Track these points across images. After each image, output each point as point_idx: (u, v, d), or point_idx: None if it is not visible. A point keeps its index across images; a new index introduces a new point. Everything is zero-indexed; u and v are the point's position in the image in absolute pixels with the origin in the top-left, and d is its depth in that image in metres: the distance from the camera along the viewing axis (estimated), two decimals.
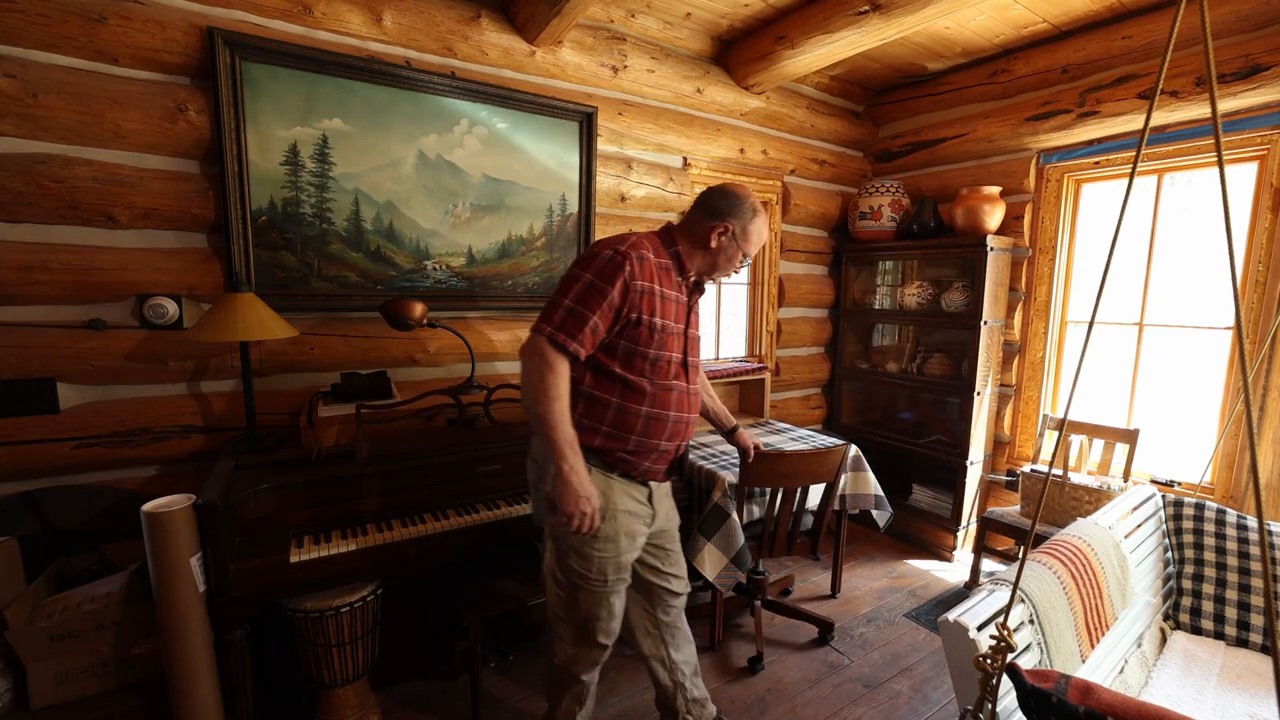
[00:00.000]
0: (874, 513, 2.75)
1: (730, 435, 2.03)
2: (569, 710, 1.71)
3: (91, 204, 1.83)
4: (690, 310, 1.65)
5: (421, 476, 1.99)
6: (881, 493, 2.73)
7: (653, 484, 1.64)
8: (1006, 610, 1.08)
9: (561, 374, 1.41)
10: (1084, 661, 1.54)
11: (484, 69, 2.46)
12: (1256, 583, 1.90)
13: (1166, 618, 2.04)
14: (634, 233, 1.57)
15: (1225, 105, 2.43)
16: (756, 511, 2.43)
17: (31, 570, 1.78)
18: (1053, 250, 3.15)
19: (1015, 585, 1.07)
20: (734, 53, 2.98)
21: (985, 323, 3.07)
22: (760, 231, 1.62)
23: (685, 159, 3.11)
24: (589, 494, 1.42)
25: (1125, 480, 2.64)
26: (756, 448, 2.05)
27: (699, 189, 3.19)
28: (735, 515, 2.27)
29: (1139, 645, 1.84)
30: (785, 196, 3.53)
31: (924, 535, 3.46)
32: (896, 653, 2.46)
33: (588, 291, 1.42)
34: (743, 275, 3.62)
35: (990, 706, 1.07)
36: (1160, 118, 2.61)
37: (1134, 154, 1.53)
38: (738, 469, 2.39)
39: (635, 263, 1.45)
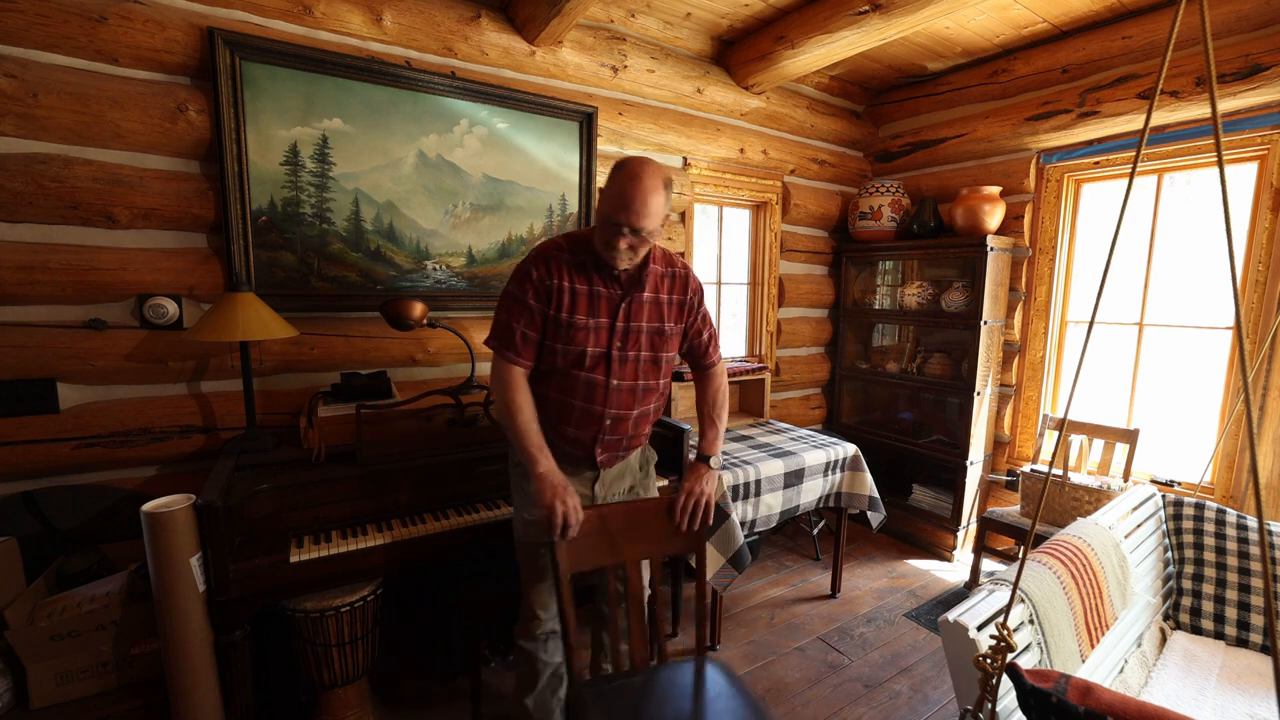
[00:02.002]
0: (869, 514, 2.76)
1: (689, 466, 1.74)
2: (518, 689, 1.70)
3: (91, 204, 1.83)
4: (626, 304, 1.56)
5: (421, 476, 1.99)
6: (877, 495, 2.73)
7: (603, 470, 1.68)
8: (1006, 610, 1.08)
9: (513, 383, 1.53)
10: (1084, 661, 1.54)
11: (484, 69, 2.46)
12: (1256, 583, 1.90)
13: (1166, 618, 2.04)
14: (569, 233, 1.61)
15: (1225, 105, 2.43)
16: (749, 512, 2.42)
17: (31, 570, 1.78)
18: (1053, 250, 3.15)
19: (1015, 585, 1.07)
20: (734, 53, 2.98)
21: (985, 323, 3.07)
22: (623, 191, 1.40)
23: (685, 159, 3.11)
24: (558, 488, 1.45)
25: (1125, 480, 2.64)
26: (686, 510, 1.56)
27: (699, 189, 3.19)
28: (734, 515, 2.27)
29: (1139, 645, 1.84)
30: (785, 196, 3.53)
31: (924, 535, 3.46)
32: (896, 653, 2.46)
33: (507, 302, 1.55)
34: (743, 275, 3.62)
35: (990, 706, 1.07)
36: (1160, 118, 2.61)
37: (1134, 154, 1.53)
38: (738, 468, 2.39)
39: (542, 265, 1.52)
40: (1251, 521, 1.95)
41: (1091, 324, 1.01)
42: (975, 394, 3.11)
